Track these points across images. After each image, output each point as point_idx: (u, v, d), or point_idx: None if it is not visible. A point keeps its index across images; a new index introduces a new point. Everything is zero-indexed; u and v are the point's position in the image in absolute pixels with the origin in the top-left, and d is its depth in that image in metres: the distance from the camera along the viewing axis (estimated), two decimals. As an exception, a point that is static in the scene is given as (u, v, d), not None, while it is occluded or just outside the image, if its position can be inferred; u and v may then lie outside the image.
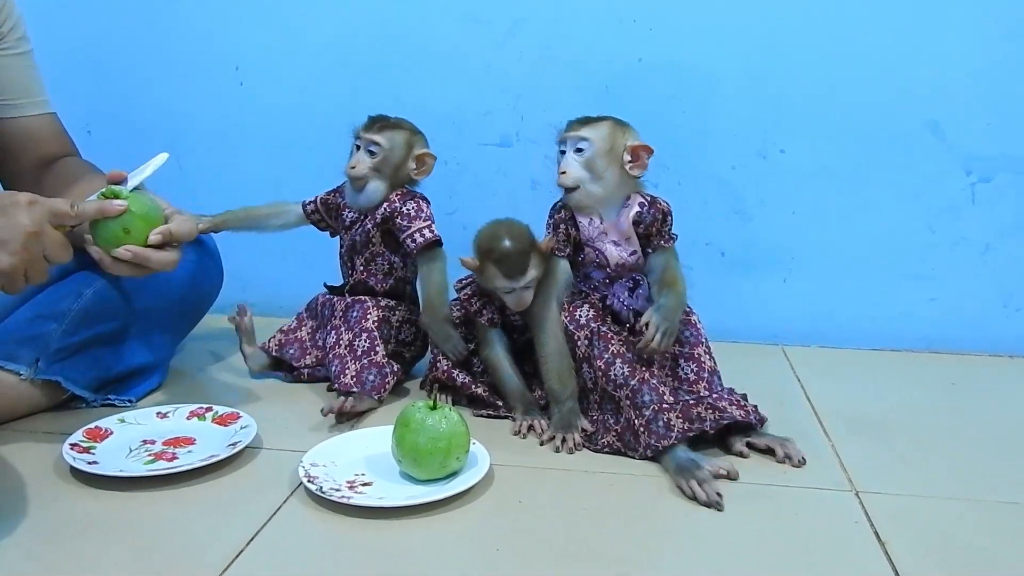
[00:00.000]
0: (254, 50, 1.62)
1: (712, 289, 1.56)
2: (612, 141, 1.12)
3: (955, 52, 1.44)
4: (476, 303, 1.22)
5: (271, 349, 1.37)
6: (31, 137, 1.26)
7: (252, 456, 1.07)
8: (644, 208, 1.14)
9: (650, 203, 1.14)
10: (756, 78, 1.49)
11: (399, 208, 1.25)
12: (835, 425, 1.18)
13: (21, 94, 1.25)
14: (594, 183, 1.12)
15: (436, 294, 1.25)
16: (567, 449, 1.09)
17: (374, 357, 1.24)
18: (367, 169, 1.25)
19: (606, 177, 1.12)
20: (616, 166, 1.12)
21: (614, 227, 1.14)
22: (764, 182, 1.53)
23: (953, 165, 1.48)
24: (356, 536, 0.90)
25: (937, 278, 1.52)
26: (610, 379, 1.09)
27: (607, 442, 1.09)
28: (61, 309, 1.19)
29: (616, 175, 1.12)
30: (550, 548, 0.87)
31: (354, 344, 1.25)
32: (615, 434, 1.09)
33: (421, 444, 0.97)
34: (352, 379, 1.22)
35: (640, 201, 1.14)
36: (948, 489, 1.01)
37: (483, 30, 1.54)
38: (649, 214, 1.14)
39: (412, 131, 1.29)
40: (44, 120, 1.28)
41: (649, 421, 1.05)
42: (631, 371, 1.08)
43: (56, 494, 0.98)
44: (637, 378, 1.07)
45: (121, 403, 1.23)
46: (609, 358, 1.09)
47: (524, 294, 1.16)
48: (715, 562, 0.85)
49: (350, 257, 1.33)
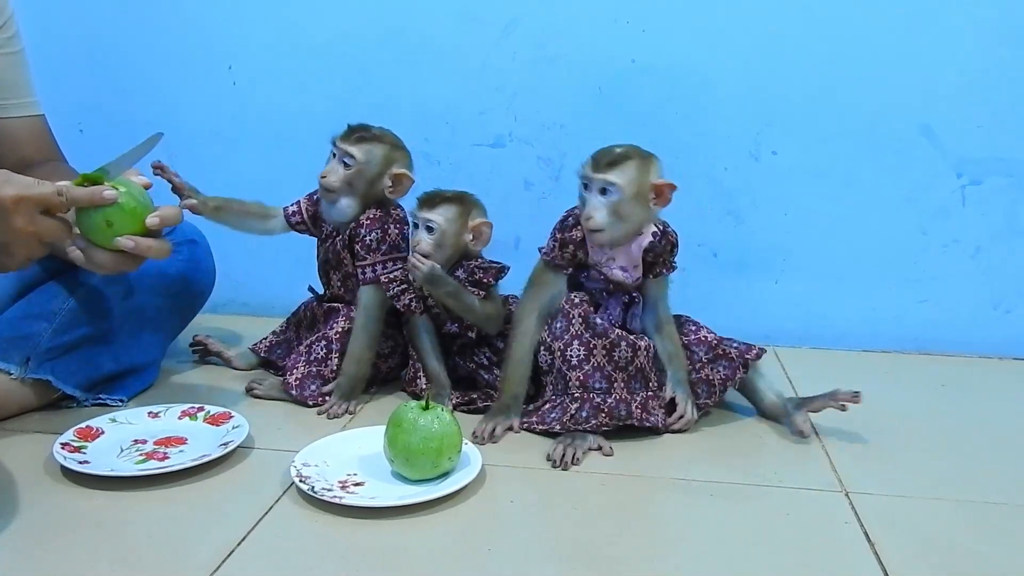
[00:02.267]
0: (248, 49, 1.61)
1: (704, 290, 1.56)
2: (639, 185, 1.09)
3: (947, 56, 1.45)
4: (395, 287, 1.23)
5: (260, 350, 1.38)
6: (13, 139, 1.24)
7: (244, 456, 1.07)
8: (656, 238, 1.14)
9: (662, 234, 1.14)
10: (749, 80, 1.50)
11: (363, 235, 1.23)
12: (825, 426, 1.18)
13: (7, 95, 1.23)
14: (619, 224, 1.10)
15: (353, 338, 1.24)
16: (490, 434, 1.12)
17: (323, 368, 1.25)
18: (339, 181, 1.22)
19: (630, 220, 1.11)
20: (641, 207, 1.11)
21: (624, 254, 1.14)
22: (757, 184, 1.53)
23: (944, 168, 1.49)
24: (348, 536, 0.90)
25: (928, 280, 1.52)
26: (566, 359, 1.11)
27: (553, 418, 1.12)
28: (52, 308, 1.18)
29: (640, 214, 1.11)
30: (541, 548, 0.88)
31: (312, 348, 1.26)
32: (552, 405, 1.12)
33: (413, 444, 0.97)
34: (296, 381, 1.23)
35: (653, 231, 1.14)
36: (938, 490, 1.01)
37: (478, 30, 1.54)
38: (660, 244, 1.14)
39: (394, 146, 1.24)
40: (29, 123, 1.26)
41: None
42: (587, 354, 1.11)
43: (47, 493, 0.97)
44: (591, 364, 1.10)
45: (112, 402, 1.22)
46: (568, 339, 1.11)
47: (423, 235, 1.19)
48: (706, 562, 0.86)
49: (325, 271, 1.33)
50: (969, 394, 1.36)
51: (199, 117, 1.65)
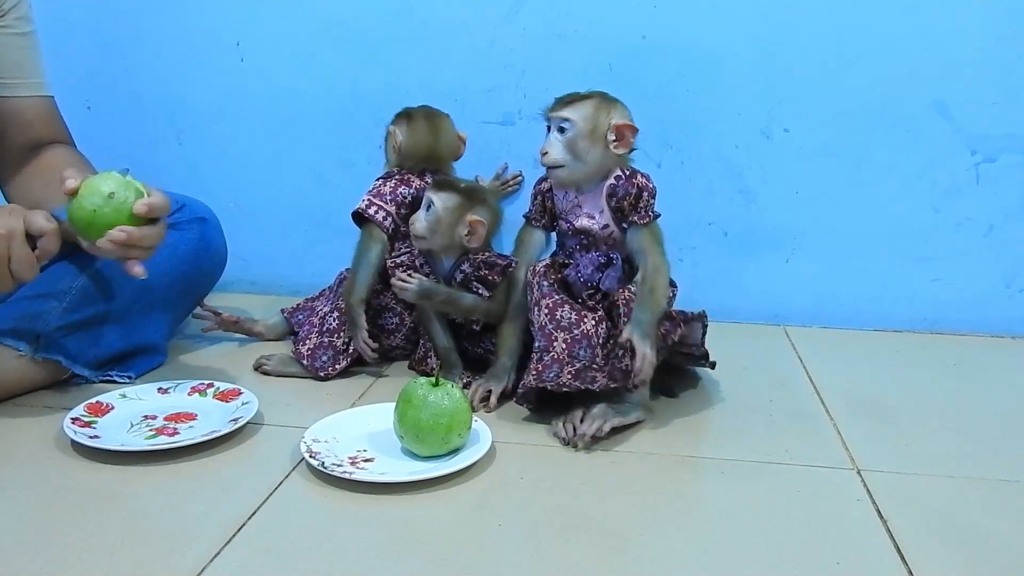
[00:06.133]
0: (255, 26, 1.60)
1: (715, 269, 1.56)
2: (595, 121, 1.09)
3: (961, 32, 1.43)
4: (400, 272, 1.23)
5: (287, 312, 1.42)
6: (21, 119, 1.24)
7: (253, 432, 1.07)
8: (619, 181, 1.12)
9: (627, 177, 1.12)
10: (761, 57, 1.48)
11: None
12: (837, 405, 1.18)
13: (15, 74, 1.23)
14: (576, 163, 1.10)
15: (350, 272, 1.27)
16: (481, 400, 1.13)
17: (334, 340, 1.25)
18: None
19: (588, 157, 1.10)
20: (599, 146, 1.10)
21: (589, 200, 1.14)
22: (768, 162, 1.52)
23: (958, 145, 1.47)
24: (358, 512, 0.90)
25: (940, 259, 1.51)
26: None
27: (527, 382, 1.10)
28: (62, 287, 1.18)
29: (599, 154, 1.10)
30: (551, 524, 0.88)
31: (326, 319, 1.27)
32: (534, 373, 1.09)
33: (423, 420, 0.97)
34: (307, 351, 1.25)
35: (617, 174, 1.12)
36: (950, 468, 1.01)
37: (486, 6, 1.52)
38: (623, 188, 1.11)
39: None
40: (37, 103, 1.26)
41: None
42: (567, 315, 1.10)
43: (57, 468, 0.98)
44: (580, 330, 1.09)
45: (121, 379, 1.22)
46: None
47: (422, 214, 1.20)
48: (717, 539, 0.85)
49: None
50: (981, 373, 1.35)
51: (206, 94, 1.64)
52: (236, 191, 1.65)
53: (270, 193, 1.66)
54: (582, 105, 1.10)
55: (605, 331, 1.10)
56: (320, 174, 1.64)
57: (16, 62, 1.23)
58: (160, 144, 1.67)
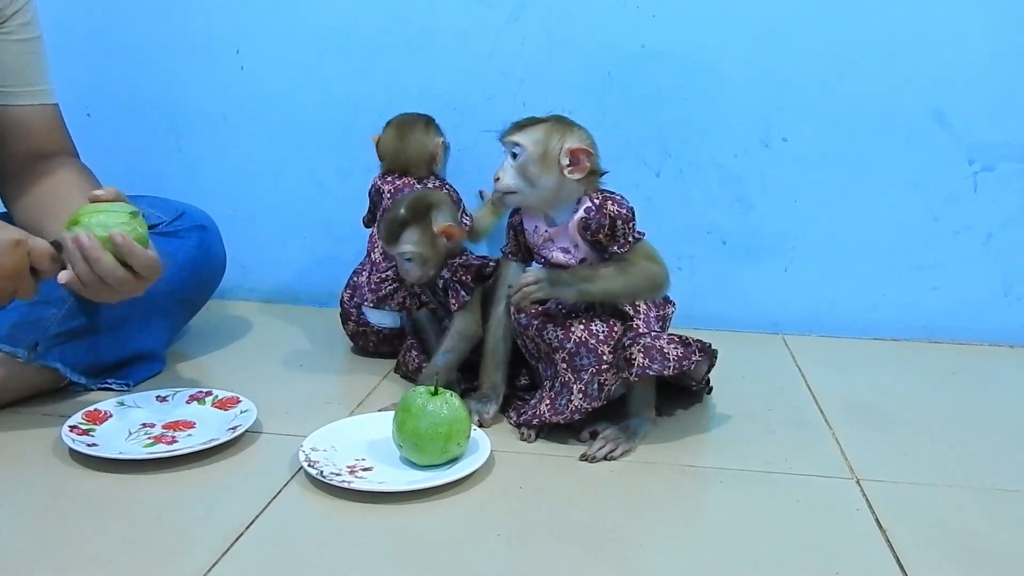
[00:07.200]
0: (255, 34, 1.60)
1: (713, 277, 1.56)
2: (546, 145, 1.05)
3: (959, 41, 1.43)
4: (387, 287, 1.24)
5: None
6: (23, 128, 1.22)
7: (252, 440, 1.07)
8: (590, 214, 1.07)
9: (598, 207, 1.07)
10: (759, 66, 1.48)
11: None
12: (836, 413, 1.18)
13: (19, 82, 1.21)
14: (530, 188, 1.07)
15: None
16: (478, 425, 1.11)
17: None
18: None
19: (540, 182, 1.06)
20: (552, 171, 1.05)
21: (561, 233, 1.10)
22: (766, 170, 1.52)
23: (956, 154, 1.47)
24: (356, 521, 0.90)
25: (939, 267, 1.51)
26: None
27: (536, 412, 1.09)
28: (61, 294, 1.17)
29: (553, 180, 1.06)
30: (550, 533, 0.87)
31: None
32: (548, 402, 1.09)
33: (422, 429, 0.97)
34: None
35: (587, 206, 1.07)
36: (949, 477, 1.01)
37: (486, 14, 1.52)
38: (595, 220, 1.06)
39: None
40: (40, 111, 1.24)
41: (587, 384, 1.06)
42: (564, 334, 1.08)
43: (55, 475, 0.97)
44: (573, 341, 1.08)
45: (119, 387, 1.22)
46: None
47: (406, 265, 1.17)
48: (716, 548, 0.85)
49: None
50: (980, 382, 1.35)
51: (206, 101, 1.64)
52: (236, 198, 1.65)
53: (270, 200, 1.66)
54: (533, 130, 1.07)
55: (605, 328, 1.09)
56: (320, 181, 1.64)
57: (18, 69, 1.21)
58: (160, 151, 1.67)
